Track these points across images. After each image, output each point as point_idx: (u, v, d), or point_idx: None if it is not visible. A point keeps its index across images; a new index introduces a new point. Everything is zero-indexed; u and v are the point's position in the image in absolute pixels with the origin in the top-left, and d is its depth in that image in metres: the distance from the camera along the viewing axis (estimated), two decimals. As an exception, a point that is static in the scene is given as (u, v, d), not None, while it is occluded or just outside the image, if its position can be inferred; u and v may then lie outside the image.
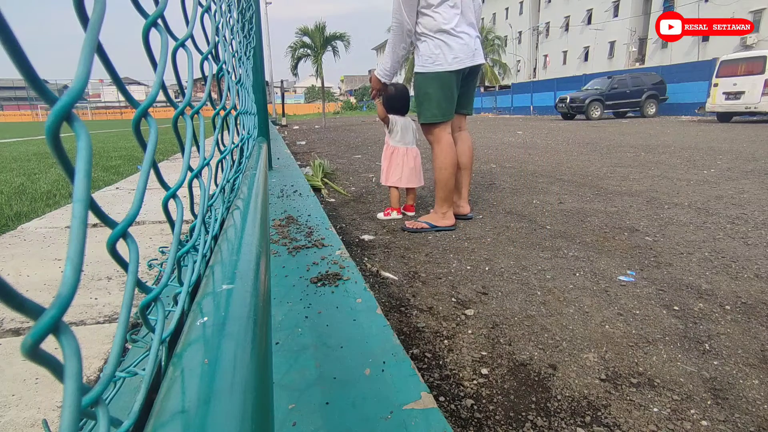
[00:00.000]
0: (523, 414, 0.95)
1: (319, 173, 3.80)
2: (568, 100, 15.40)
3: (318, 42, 17.93)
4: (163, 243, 1.87)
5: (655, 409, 0.95)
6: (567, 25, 29.93)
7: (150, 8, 0.41)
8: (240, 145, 1.16)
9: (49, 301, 0.17)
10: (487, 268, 1.79)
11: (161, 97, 0.43)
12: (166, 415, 0.24)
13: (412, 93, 2.45)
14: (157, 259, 1.51)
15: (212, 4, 0.78)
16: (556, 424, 0.91)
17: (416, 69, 2.24)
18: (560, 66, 30.76)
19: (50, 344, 0.17)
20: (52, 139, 0.20)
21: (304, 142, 8.56)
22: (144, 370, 0.33)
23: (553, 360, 1.14)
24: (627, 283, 1.61)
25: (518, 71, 34.91)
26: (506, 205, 2.86)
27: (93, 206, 0.25)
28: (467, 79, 2.30)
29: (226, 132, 0.89)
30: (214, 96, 0.80)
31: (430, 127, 2.28)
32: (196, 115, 0.59)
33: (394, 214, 2.61)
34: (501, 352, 1.19)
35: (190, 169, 0.52)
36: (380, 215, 2.63)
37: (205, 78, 0.68)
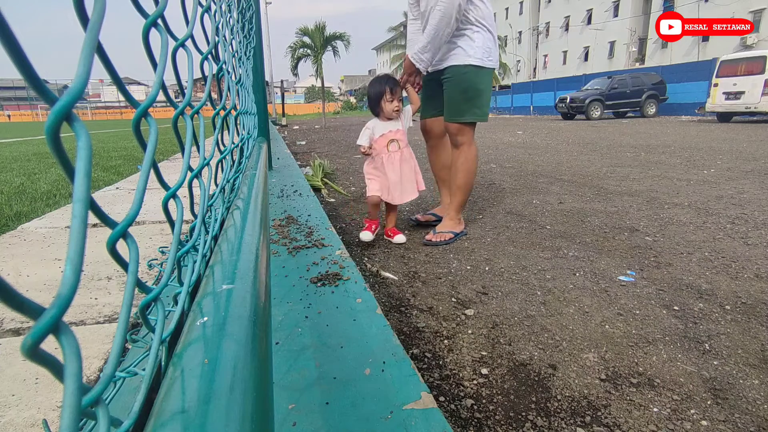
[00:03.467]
0: (523, 414, 0.95)
1: (319, 173, 3.80)
2: (568, 100, 15.40)
3: (318, 42, 17.93)
4: (163, 243, 1.87)
5: (655, 409, 0.95)
6: (567, 25, 29.93)
7: (150, 8, 0.41)
8: (240, 145, 1.16)
9: (49, 301, 0.17)
10: (487, 268, 1.79)
11: (161, 97, 0.43)
12: (166, 415, 0.24)
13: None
14: (157, 259, 1.51)
15: (212, 4, 0.78)
16: (556, 424, 0.91)
17: (469, 61, 1.99)
18: (560, 66, 30.76)
19: (50, 344, 0.17)
20: (52, 139, 0.20)
21: (304, 142, 8.56)
22: (144, 370, 0.33)
23: (553, 360, 1.14)
24: (627, 283, 1.61)
25: (518, 71, 34.91)
26: (506, 205, 2.86)
27: (93, 206, 0.25)
28: None
29: (226, 132, 0.89)
30: (214, 96, 0.80)
31: (469, 128, 2.09)
32: (196, 115, 0.59)
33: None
34: (501, 352, 1.19)
35: (190, 169, 0.52)
36: (369, 235, 2.10)
37: (205, 78, 0.68)
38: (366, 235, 2.09)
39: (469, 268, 1.80)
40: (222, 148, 0.82)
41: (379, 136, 2.06)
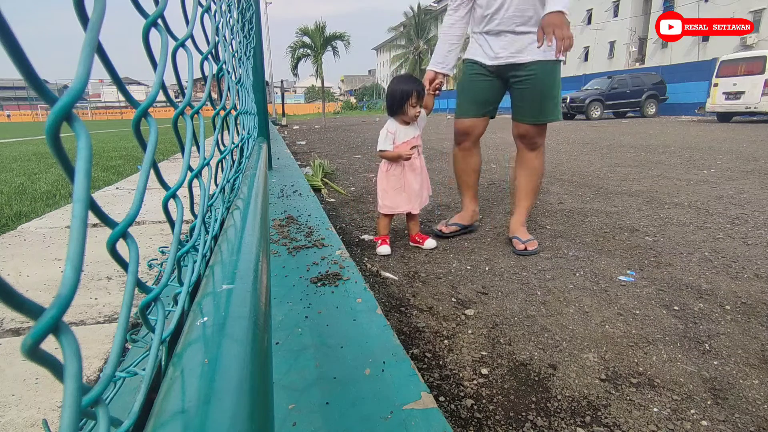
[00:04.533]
0: (523, 414, 0.95)
1: (319, 173, 3.80)
2: (568, 100, 15.39)
3: (318, 42, 17.95)
4: (163, 243, 1.87)
5: (655, 409, 0.95)
6: (567, 25, 29.88)
7: (150, 8, 0.41)
8: (240, 145, 1.16)
9: (49, 301, 0.17)
10: (487, 268, 1.79)
11: (161, 97, 0.43)
12: (166, 415, 0.24)
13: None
14: (157, 259, 1.51)
15: (212, 4, 0.78)
16: (556, 424, 0.91)
17: (550, 56, 1.82)
18: (560, 66, 30.71)
19: (50, 344, 0.17)
20: (52, 139, 0.20)
21: (304, 142, 8.56)
22: (144, 370, 0.33)
23: (553, 360, 1.14)
24: (627, 283, 1.61)
25: (518, 71, 34.80)
26: (506, 205, 2.86)
27: (93, 206, 0.25)
28: None
29: (226, 132, 0.89)
30: (214, 96, 0.80)
31: (546, 129, 1.94)
32: (196, 115, 0.59)
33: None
34: (501, 352, 1.19)
35: (190, 169, 0.52)
36: (388, 248, 2.01)
37: (205, 78, 0.68)
38: (385, 249, 1.99)
39: (469, 268, 1.80)
40: (222, 148, 0.82)
41: (402, 142, 1.95)
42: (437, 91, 1.99)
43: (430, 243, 2.05)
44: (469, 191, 2.23)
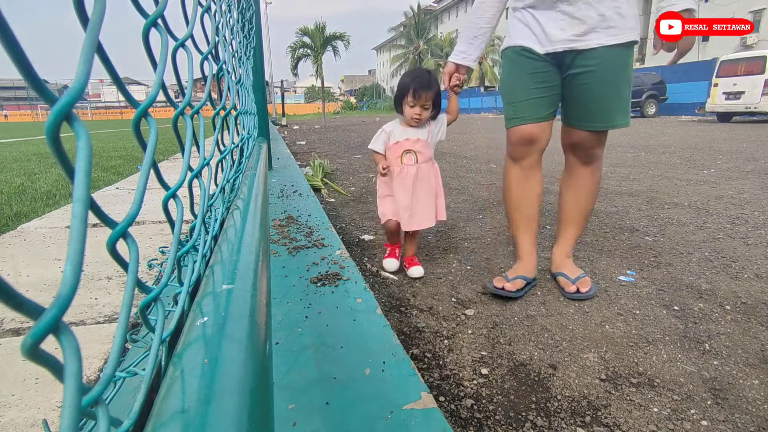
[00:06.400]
0: (523, 414, 0.95)
1: (319, 173, 3.80)
2: (568, 100, 15.37)
3: (318, 42, 17.98)
4: (163, 243, 1.87)
5: (655, 409, 0.95)
6: (567, 25, 29.82)
7: (150, 8, 0.41)
8: (240, 145, 1.16)
9: (49, 301, 0.17)
10: (487, 268, 1.79)
11: (161, 97, 0.43)
12: (166, 415, 0.24)
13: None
14: (157, 259, 1.51)
15: (212, 4, 0.78)
16: (556, 424, 0.91)
17: (633, 36, 1.41)
18: (560, 66, 30.65)
19: (50, 344, 0.17)
20: (52, 139, 0.20)
21: (304, 142, 8.56)
22: (144, 370, 0.33)
23: (553, 360, 1.14)
24: (627, 283, 1.61)
25: (518, 71, 34.72)
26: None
27: (93, 206, 0.25)
28: None
29: (226, 132, 0.89)
30: (214, 96, 0.80)
31: (606, 137, 1.49)
32: (196, 115, 0.59)
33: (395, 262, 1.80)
34: (501, 352, 1.19)
35: (190, 169, 0.52)
36: (393, 263, 1.78)
37: (205, 78, 0.68)
38: (390, 264, 1.76)
39: (469, 268, 1.80)
40: (222, 148, 0.82)
41: (394, 142, 1.63)
42: (458, 88, 1.60)
43: (415, 271, 1.70)
44: (531, 228, 1.60)
